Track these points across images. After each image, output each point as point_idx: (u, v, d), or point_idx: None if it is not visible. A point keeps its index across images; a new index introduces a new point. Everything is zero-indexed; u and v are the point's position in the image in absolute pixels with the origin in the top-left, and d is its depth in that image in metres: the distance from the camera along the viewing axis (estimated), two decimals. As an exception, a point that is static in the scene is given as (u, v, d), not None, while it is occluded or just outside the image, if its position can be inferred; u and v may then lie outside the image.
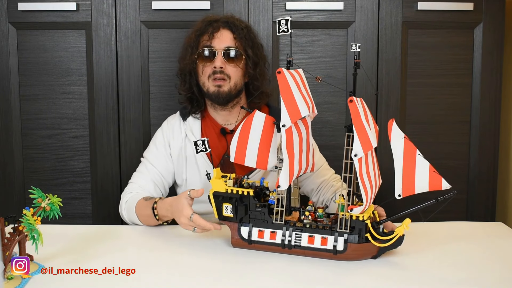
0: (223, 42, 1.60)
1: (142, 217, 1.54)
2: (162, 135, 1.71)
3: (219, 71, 1.58)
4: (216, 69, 1.58)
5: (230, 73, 1.60)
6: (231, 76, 1.60)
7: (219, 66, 1.57)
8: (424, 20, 1.97)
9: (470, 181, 2.07)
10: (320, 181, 1.67)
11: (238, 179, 1.40)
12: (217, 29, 1.61)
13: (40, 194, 1.21)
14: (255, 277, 1.20)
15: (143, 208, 1.53)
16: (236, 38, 1.61)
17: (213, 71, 1.58)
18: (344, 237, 1.27)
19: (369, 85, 1.96)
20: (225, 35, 1.61)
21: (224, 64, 1.58)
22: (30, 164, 2.03)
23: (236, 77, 1.61)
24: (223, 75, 1.59)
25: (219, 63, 1.58)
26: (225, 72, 1.59)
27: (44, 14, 1.95)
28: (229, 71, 1.59)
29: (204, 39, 1.62)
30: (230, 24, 1.62)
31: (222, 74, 1.58)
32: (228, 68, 1.59)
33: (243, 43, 1.62)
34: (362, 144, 1.20)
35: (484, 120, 2.03)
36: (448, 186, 1.21)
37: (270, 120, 1.35)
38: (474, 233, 1.50)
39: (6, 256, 1.14)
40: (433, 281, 1.17)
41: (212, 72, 1.59)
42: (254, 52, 1.64)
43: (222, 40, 1.60)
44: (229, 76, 1.60)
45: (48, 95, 2.00)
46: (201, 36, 1.63)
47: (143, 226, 1.56)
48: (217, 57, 1.58)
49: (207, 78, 1.61)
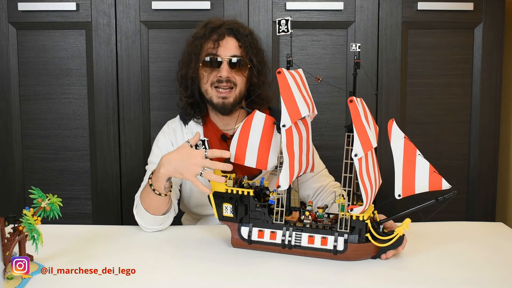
0: (229, 51, 1.58)
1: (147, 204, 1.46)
2: (164, 137, 1.69)
3: (225, 79, 1.57)
4: (221, 78, 1.57)
5: (236, 81, 1.59)
6: (237, 84, 1.59)
7: (225, 76, 1.56)
8: (424, 20, 1.97)
9: (470, 181, 2.07)
10: (317, 186, 1.65)
11: (238, 179, 1.40)
12: (222, 36, 1.58)
13: (40, 194, 1.21)
14: (255, 277, 1.20)
15: (145, 196, 1.48)
16: (241, 46, 1.60)
17: (218, 80, 1.57)
18: (344, 237, 1.27)
19: (369, 85, 1.96)
20: (230, 43, 1.59)
21: (229, 73, 1.57)
22: (30, 164, 2.03)
23: (241, 85, 1.60)
24: (230, 84, 1.58)
25: (225, 73, 1.56)
26: (231, 80, 1.58)
27: (44, 14, 1.95)
28: (235, 79, 1.59)
29: (209, 46, 1.59)
30: (234, 31, 1.60)
31: (228, 82, 1.57)
32: (234, 76, 1.58)
33: (248, 51, 1.61)
34: (362, 144, 1.20)
35: (484, 120, 2.03)
36: (448, 186, 1.21)
37: (270, 120, 1.35)
38: (474, 233, 1.50)
39: (6, 256, 1.14)
40: (433, 281, 1.17)
41: (216, 80, 1.57)
42: (258, 59, 1.63)
43: (227, 48, 1.58)
44: (235, 84, 1.59)
45: (48, 95, 2.00)
46: (205, 43, 1.60)
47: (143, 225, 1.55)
48: (222, 66, 1.56)
49: (210, 86, 1.59)
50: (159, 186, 1.42)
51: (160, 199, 1.44)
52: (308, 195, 1.66)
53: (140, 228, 1.52)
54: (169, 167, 1.38)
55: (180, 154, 1.39)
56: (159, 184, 1.41)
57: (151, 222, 1.49)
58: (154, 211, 1.47)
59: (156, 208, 1.46)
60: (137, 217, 1.51)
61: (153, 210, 1.46)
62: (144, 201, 1.47)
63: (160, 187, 1.42)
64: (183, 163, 1.36)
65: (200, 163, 1.34)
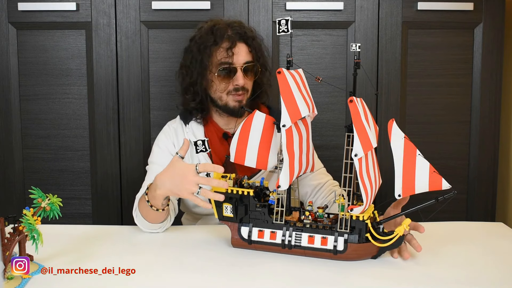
0: (242, 58, 1.59)
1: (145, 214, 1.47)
2: (165, 137, 1.68)
3: (240, 88, 1.58)
4: (238, 86, 1.58)
5: (248, 87, 1.62)
6: (248, 89, 1.62)
7: (242, 84, 1.58)
8: (424, 20, 1.97)
9: (470, 181, 2.07)
10: (315, 184, 1.64)
11: (238, 179, 1.40)
12: (234, 44, 1.57)
13: (40, 194, 1.21)
14: (255, 277, 1.20)
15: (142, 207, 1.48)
16: (252, 51, 1.61)
17: (235, 88, 1.58)
18: (344, 237, 1.27)
19: (369, 85, 1.96)
20: (242, 49, 1.59)
21: (244, 80, 1.59)
22: (30, 164, 2.03)
23: (250, 88, 1.63)
24: (244, 91, 1.60)
25: (241, 81, 1.57)
26: (245, 87, 1.60)
27: (44, 14, 1.95)
28: (248, 86, 1.61)
29: (222, 55, 1.57)
30: (243, 36, 1.60)
31: (243, 90, 1.59)
32: (247, 82, 1.60)
33: (258, 55, 1.63)
34: (362, 144, 1.20)
35: (484, 120, 2.03)
36: (448, 186, 1.21)
37: (270, 120, 1.34)
38: (474, 233, 1.50)
39: (6, 256, 1.14)
40: (433, 281, 1.17)
41: (233, 89, 1.58)
42: (264, 60, 1.66)
43: (240, 55, 1.58)
44: (247, 90, 1.61)
45: (48, 95, 2.00)
46: (216, 50, 1.58)
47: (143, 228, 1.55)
48: (238, 75, 1.57)
49: (225, 93, 1.60)
50: (156, 204, 1.42)
51: (157, 213, 1.45)
52: (306, 192, 1.65)
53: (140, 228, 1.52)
54: (164, 189, 1.37)
55: (171, 174, 1.36)
56: (156, 202, 1.42)
57: (150, 227, 1.49)
58: (152, 220, 1.48)
59: (154, 219, 1.47)
60: (136, 220, 1.51)
61: (151, 219, 1.47)
62: (142, 211, 1.48)
63: (158, 204, 1.43)
64: (177, 185, 1.34)
65: (194, 181, 1.31)
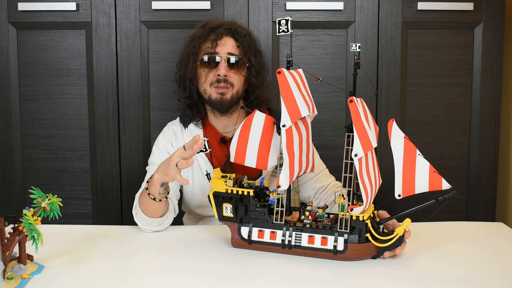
0: (226, 49, 1.58)
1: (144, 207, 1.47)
2: (164, 138, 1.69)
3: (222, 79, 1.57)
4: (219, 77, 1.56)
5: (233, 81, 1.59)
6: (234, 84, 1.59)
7: (223, 74, 1.56)
8: (424, 20, 1.97)
9: (470, 181, 2.07)
10: (318, 186, 1.64)
11: (238, 179, 1.40)
12: (220, 36, 1.59)
13: (40, 194, 1.21)
14: (255, 277, 1.20)
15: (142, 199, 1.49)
16: (240, 46, 1.60)
17: (217, 79, 1.57)
18: (344, 237, 1.27)
19: (369, 85, 1.96)
20: (228, 42, 1.59)
21: (227, 71, 1.57)
22: (30, 164, 2.03)
23: (238, 85, 1.60)
24: (227, 84, 1.58)
25: (223, 70, 1.56)
26: (228, 80, 1.58)
27: (44, 14, 1.95)
28: (232, 79, 1.58)
29: (207, 46, 1.59)
30: (233, 31, 1.61)
31: (225, 83, 1.57)
32: (232, 76, 1.58)
33: (246, 51, 1.61)
34: (362, 144, 1.20)
35: (484, 120, 2.03)
36: (448, 186, 1.21)
37: (270, 120, 1.34)
38: (474, 233, 1.50)
39: (6, 256, 1.14)
40: (432, 281, 1.17)
41: (215, 80, 1.57)
42: (256, 60, 1.64)
43: (225, 47, 1.58)
44: (232, 84, 1.59)
45: (48, 95, 2.00)
46: (203, 43, 1.60)
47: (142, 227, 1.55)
48: (220, 65, 1.57)
49: (209, 85, 1.59)
50: (154, 192, 1.43)
51: (156, 204, 1.45)
52: (309, 196, 1.65)
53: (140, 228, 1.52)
54: (159, 172, 1.40)
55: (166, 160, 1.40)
56: (154, 190, 1.43)
57: (149, 223, 1.49)
58: (151, 214, 1.47)
59: (153, 212, 1.47)
60: (136, 218, 1.51)
61: (150, 213, 1.47)
62: (142, 204, 1.48)
63: (155, 192, 1.43)
64: (166, 165, 1.37)
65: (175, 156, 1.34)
